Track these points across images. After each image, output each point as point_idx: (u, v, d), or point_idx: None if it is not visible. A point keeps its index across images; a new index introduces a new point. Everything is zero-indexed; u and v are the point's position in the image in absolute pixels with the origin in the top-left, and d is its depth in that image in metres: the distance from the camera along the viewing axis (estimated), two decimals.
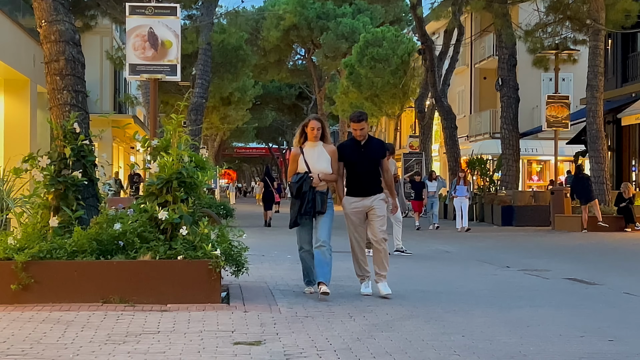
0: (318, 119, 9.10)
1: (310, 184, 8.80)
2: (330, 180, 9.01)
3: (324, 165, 8.91)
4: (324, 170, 8.90)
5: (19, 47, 20.79)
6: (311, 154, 8.95)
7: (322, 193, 8.87)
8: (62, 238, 8.37)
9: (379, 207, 9.12)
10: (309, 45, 55.74)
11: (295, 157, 9.02)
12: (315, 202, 8.77)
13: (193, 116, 29.76)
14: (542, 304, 8.83)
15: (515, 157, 30.58)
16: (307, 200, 8.77)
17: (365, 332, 6.88)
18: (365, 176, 9.16)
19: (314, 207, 8.78)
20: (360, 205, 9.16)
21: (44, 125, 22.39)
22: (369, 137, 9.37)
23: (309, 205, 8.77)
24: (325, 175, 8.91)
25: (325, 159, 8.94)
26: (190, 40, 30.41)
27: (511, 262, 13.80)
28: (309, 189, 8.80)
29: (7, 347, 6.00)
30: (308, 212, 8.80)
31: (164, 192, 8.56)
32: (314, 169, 8.87)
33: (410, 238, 20.05)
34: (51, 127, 9.49)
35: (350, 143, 9.38)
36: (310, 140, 8.97)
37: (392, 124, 54.13)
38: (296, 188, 8.83)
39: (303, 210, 8.79)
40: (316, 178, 8.83)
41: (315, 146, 8.96)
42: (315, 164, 8.89)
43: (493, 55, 38.88)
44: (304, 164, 8.91)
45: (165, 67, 15.39)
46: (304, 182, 8.79)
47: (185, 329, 6.85)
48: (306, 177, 8.82)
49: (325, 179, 8.92)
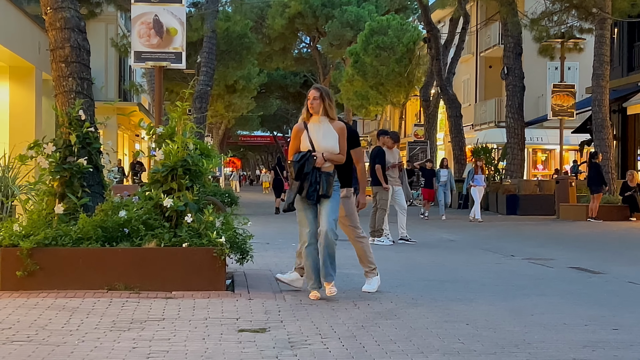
0: (318, 88, 8.01)
1: (314, 164, 7.74)
2: (337, 160, 7.92)
3: (330, 144, 7.84)
4: (330, 148, 7.83)
5: (24, 34, 20.79)
6: (316, 130, 7.88)
7: (327, 174, 7.81)
8: (67, 225, 8.39)
9: (345, 206, 8.38)
10: (314, 33, 55.69)
11: (298, 133, 7.95)
12: (320, 184, 7.73)
13: (198, 104, 29.78)
14: (546, 292, 8.83)
15: (521, 146, 30.53)
16: (310, 183, 7.71)
17: (369, 319, 6.89)
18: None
19: (318, 190, 7.74)
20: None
21: (49, 113, 22.40)
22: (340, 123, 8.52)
23: (311, 188, 7.72)
24: (331, 155, 7.83)
25: (332, 137, 7.86)
26: (195, 27, 30.44)
27: (515, 251, 13.80)
28: (311, 170, 7.73)
29: (13, 334, 6.03)
30: (311, 197, 7.74)
31: (169, 179, 8.56)
32: (319, 148, 7.80)
33: (415, 227, 20.06)
34: (56, 114, 9.50)
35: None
36: (309, 113, 7.93)
37: (397, 113, 54.07)
38: (297, 168, 7.76)
39: (304, 193, 7.74)
40: (320, 157, 7.74)
41: (321, 122, 7.89)
42: (320, 142, 7.83)
43: (499, 43, 38.78)
44: (307, 142, 7.84)
45: (170, 54, 15.37)
46: (307, 162, 7.73)
47: (190, 316, 6.86)
48: (309, 156, 7.75)
49: (330, 159, 7.83)
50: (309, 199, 7.77)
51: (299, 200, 7.83)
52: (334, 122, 7.94)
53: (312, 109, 7.84)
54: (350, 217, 8.51)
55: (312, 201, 7.79)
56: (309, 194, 7.75)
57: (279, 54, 56.52)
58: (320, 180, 7.74)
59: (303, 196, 7.78)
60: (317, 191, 7.73)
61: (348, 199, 8.45)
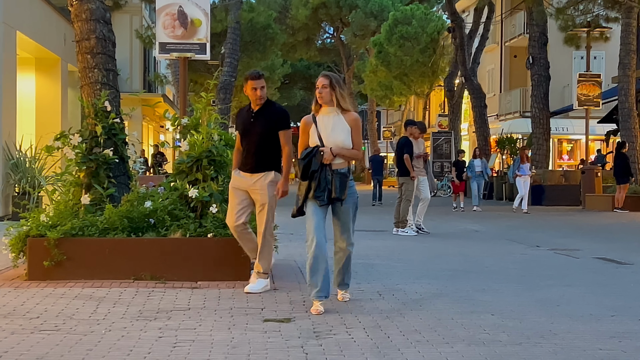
0: (327, 75, 7.03)
1: (322, 160, 6.77)
2: (350, 157, 6.94)
3: (340, 137, 6.84)
4: (340, 143, 6.83)
5: (50, 26, 20.94)
6: (325, 122, 6.92)
7: (341, 174, 6.82)
8: (93, 215, 8.46)
9: (263, 191, 7.60)
10: (337, 24, 55.62)
11: (306, 127, 7.01)
12: (331, 184, 6.75)
13: (222, 95, 29.84)
14: (572, 283, 8.78)
15: (546, 136, 30.34)
16: (319, 182, 6.72)
17: (394, 310, 6.88)
18: (252, 150, 7.67)
19: (330, 191, 6.76)
20: (242, 183, 7.70)
21: (74, 104, 22.58)
22: (267, 103, 7.78)
23: (320, 187, 6.73)
24: (341, 150, 6.82)
25: (343, 129, 6.87)
26: (219, 19, 30.50)
27: (541, 242, 13.73)
28: (319, 168, 6.75)
29: (41, 323, 6.08)
30: (320, 196, 6.74)
31: (194, 170, 8.60)
32: (327, 142, 6.83)
33: (439, 217, 20.04)
34: (82, 106, 9.56)
35: (247, 109, 7.87)
36: (318, 105, 7.02)
37: (421, 103, 53.92)
38: (303, 166, 6.78)
39: (313, 194, 6.73)
40: (328, 152, 6.75)
41: (331, 113, 6.92)
42: (328, 135, 6.86)
43: (524, 33, 38.53)
44: (316, 136, 6.88)
45: (194, 45, 15.41)
46: (314, 158, 6.76)
47: (216, 306, 6.90)
48: (316, 151, 6.78)
49: (341, 154, 6.83)
50: (318, 198, 6.74)
51: (309, 204, 6.82)
52: (347, 114, 6.96)
53: (320, 99, 6.94)
54: (268, 211, 7.65)
55: (321, 201, 6.76)
56: (318, 193, 6.74)
57: (303, 44, 56.53)
58: (333, 180, 6.75)
59: (311, 196, 6.77)
60: (329, 192, 6.75)
61: (272, 185, 7.63)
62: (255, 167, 7.65)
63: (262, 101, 7.66)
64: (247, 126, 7.72)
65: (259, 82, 7.62)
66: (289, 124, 7.80)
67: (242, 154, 7.77)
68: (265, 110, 7.71)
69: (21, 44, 18.78)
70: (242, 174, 7.71)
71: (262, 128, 7.64)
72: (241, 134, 7.78)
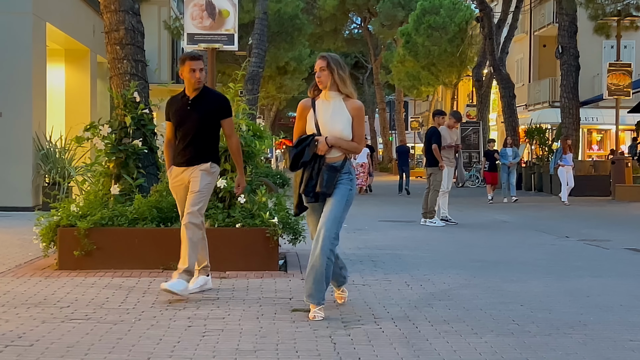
0: (325, 56, 6.20)
1: (315, 151, 6.02)
2: (348, 149, 6.13)
3: (339, 127, 6.08)
4: (338, 132, 6.06)
5: (79, 17, 21.07)
6: (324, 108, 6.16)
7: (331, 167, 6.02)
8: (123, 205, 8.52)
9: (195, 179, 6.85)
10: (365, 14, 55.46)
11: (303, 111, 6.24)
12: (319, 178, 5.98)
13: (250, 85, 29.86)
14: (602, 274, 8.72)
15: (575, 126, 30.08)
16: (310, 176, 6.01)
17: (422, 300, 6.88)
18: (189, 141, 6.92)
19: (317, 185, 6.00)
20: (180, 180, 6.99)
21: (103, 95, 22.75)
22: (205, 90, 7.04)
23: (310, 182, 6.01)
24: (338, 141, 6.04)
25: (343, 118, 6.11)
26: (247, 9, 30.54)
27: (570, 232, 13.64)
28: (310, 160, 6.01)
29: (71, 312, 6.14)
30: (308, 192, 6.04)
31: (222, 160, 8.63)
32: (324, 130, 6.09)
33: (468, 208, 19.96)
34: (111, 96, 9.63)
35: (181, 95, 7.09)
36: (316, 89, 6.27)
37: (449, 93, 53.65)
38: (293, 156, 6.02)
39: (302, 188, 6.06)
40: (323, 142, 6.00)
41: (332, 98, 6.14)
42: (327, 124, 6.10)
43: (553, 22, 38.20)
44: (312, 123, 6.15)
45: (222, 36, 15.43)
46: (307, 148, 6.01)
47: (244, 296, 6.92)
48: (310, 140, 6.03)
49: (337, 146, 6.05)
50: (306, 194, 6.07)
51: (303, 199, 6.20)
52: (349, 101, 6.17)
53: (320, 83, 6.15)
54: (198, 194, 6.82)
55: (309, 199, 6.10)
56: (306, 190, 6.04)
57: (330, 35, 56.39)
58: (321, 173, 5.99)
59: (301, 192, 6.11)
60: (316, 187, 6.01)
61: (207, 174, 6.90)
62: (193, 159, 6.90)
63: (200, 85, 6.89)
64: (183, 115, 6.92)
65: (199, 63, 6.86)
66: (231, 111, 7.11)
67: (177, 147, 6.99)
68: (203, 97, 6.95)
69: (51, 36, 18.91)
70: (177, 170, 6.97)
71: (201, 116, 6.88)
72: (176, 124, 6.99)
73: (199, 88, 6.92)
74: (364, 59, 66.38)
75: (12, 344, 5.08)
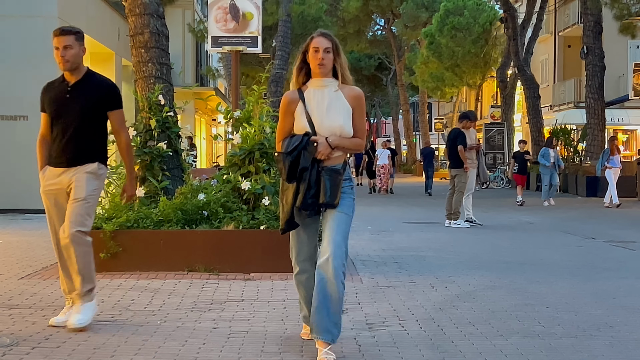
0: (325, 34, 4.95)
1: (314, 155, 4.79)
2: (350, 147, 4.93)
3: (338, 121, 4.86)
4: (338, 129, 4.85)
5: (104, 21, 21.22)
6: (318, 99, 4.90)
7: (333, 171, 4.82)
8: (148, 208, 8.57)
9: (79, 184, 5.62)
10: (388, 15, 55.38)
11: (289, 106, 4.96)
12: (322, 186, 4.78)
13: (273, 88, 29.93)
14: (628, 275, 8.66)
15: (601, 127, 29.87)
16: (308, 185, 4.77)
17: (447, 302, 6.86)
18: (69, 136, 5.66)
19: (319, 195, 4.79)
20: (58, 183, 5.71)
21: (128, 98, 22.86)
22: (89, 74, 5.81)
23: (309, 192, 4.78)
24: (341, 141, 4.86)
25: (342, 110, 4.89)
26: (270, 12, 30.59)
27: (596, 234, 13.55)
28: (309, 165, 4.77)
29: (97, 314, 6.17)
30: (309, 206, 4.80)
31: (247, 162, 8.67)
32: (321, 128, 4.86)
33: (493, 209, 19.88)
34: (136, 99, 9.69)
35: (59, 81, 5.82)
36: (315, 77, 4.94)
37: (473, 94, 53.47)
38: (289, 163, 4.77)
39: (299, 201, 4.79)
40: (324, 145, 4.80)
41: (326, 86, 4.91)
42: (323, 118, 4.87)
43: (578, 22, 37.95)
44: (304, 120, 4.88)
45: (246, 39, 15.52)
46: (303, 152, 4.76)
47: (269, 297, 6.94)
48: (306, 142, 4.79)
49: (340, 146, 4.87)
50: (306, 209, 4.82)
51: (297, 213, 4.89)
52: (347, 88, 4.96)
53: (322, 68, 4.88)
54: (83, 203, 5.60)
55: (309, 213, 4.88)
56: (305, 202, 4.80)
57: (354, 36, 56.35)
58: (321, 180, 4.79)
59: (297, 206, 4.82)
60: (319, 197, 4.80)
61: (95, 177, 5.71)
62: (75, 159, 5.68)
63: (68, 65, 5.61)
64: (60, 104, 5.68)
65: (66, 38, 5.62)
66: (120, 101, 5.86)
67: (53, 143, 5.75)
68: (86, 83, 5.73)
69: None
70: (54, 172, 5.73)
71: (82, 105, 5.66)
72: (52, 115, 5.73)
73: (68, 68, 5.65)
74: (387, 60, 66.30)
75: (39, 346, 5.13)
